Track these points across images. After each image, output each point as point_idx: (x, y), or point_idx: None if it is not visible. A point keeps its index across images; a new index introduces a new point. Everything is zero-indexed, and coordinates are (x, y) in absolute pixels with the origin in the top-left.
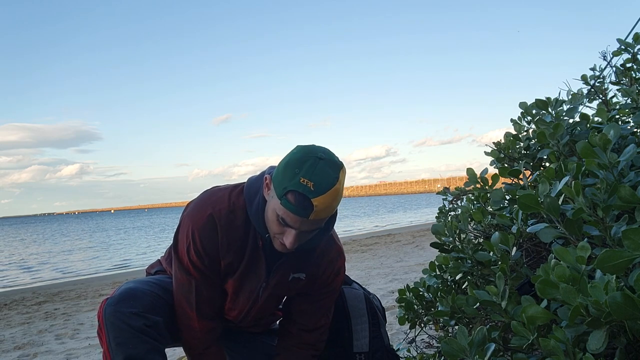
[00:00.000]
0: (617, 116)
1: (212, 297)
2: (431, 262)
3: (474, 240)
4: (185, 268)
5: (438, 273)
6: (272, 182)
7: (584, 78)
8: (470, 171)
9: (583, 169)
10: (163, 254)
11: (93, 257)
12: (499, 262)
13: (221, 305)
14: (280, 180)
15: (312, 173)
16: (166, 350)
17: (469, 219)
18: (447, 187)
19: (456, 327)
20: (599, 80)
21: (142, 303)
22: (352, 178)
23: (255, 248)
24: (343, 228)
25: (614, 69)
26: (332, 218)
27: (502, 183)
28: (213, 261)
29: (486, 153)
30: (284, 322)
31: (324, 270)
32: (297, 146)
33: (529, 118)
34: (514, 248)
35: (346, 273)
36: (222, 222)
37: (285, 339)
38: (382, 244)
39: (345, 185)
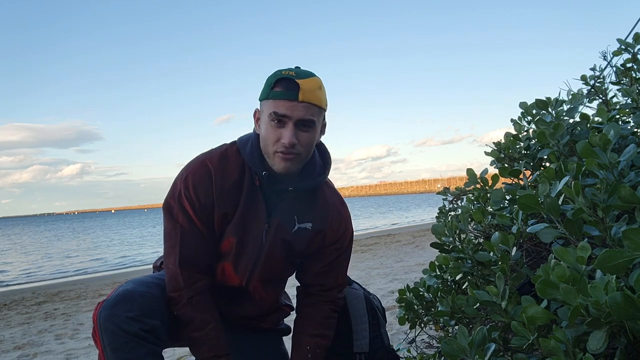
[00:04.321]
0: (618, 116)
1: (198, 248)
2: (431, 262)
3: (474, 241)
4: (173, 216)
5: (438, 273)
6: (260, 100)
7: (583, 78)
8: (470, 171)
9: (583, 169)
10: None
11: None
12: (499, 262)
13: (222, 270)
14: (265, 87)
15: (291, 69)
16: (166, 350)
17: (469, 219)
18: (447, 187)
19: (456, 327)
20: (599, 80)
21: (138, 306)
22: (353, 178)
23: (252, 188)
24: None
25: (614, 68)
26: (327, 156)
27: (502, 183)
28: (204, 209)
29: (486, 153)
30: (302, 288)
31: (331, 222)
32: None
33: (529, 118)
34: (514, 248)
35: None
36: (215, 166)
37: (305, 298)
38: (382, 244)
39: (345, 185)
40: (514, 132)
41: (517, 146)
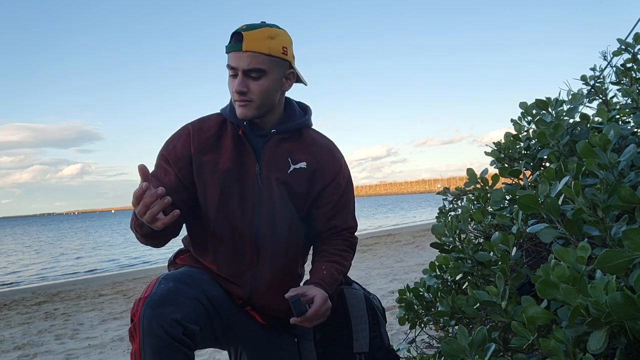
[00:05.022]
0: (618, 116)
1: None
2: (431, 262)
3: (474, 241)
4: (153, 177)
5: (438, 273)
6: None
7: (583, 78)
8: (470, 171)
9: (583, 169)
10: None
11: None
12: (499, 262)
13: (230, 227)
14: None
15: (246, 24)
16: None
17: (469, 219)
18: (447, 187)
19: (456, 327)
20: (599, 81)
21: (183, 309)
22: (353, 178)
23: (236, 137)
24: None
25: (614, 69)
26: (307, 108)
27: (502, 183)
28: (180, 161)
29: (486, 153)
30: (315, 240)
31: (326, 160)
32: None
33: (529, 118)
34: (514, 248)
35: None
36: (194, 125)
37: (318, 242)
38: (382, 244)
39: None
40: (514, 132)
41: (517, 146)
